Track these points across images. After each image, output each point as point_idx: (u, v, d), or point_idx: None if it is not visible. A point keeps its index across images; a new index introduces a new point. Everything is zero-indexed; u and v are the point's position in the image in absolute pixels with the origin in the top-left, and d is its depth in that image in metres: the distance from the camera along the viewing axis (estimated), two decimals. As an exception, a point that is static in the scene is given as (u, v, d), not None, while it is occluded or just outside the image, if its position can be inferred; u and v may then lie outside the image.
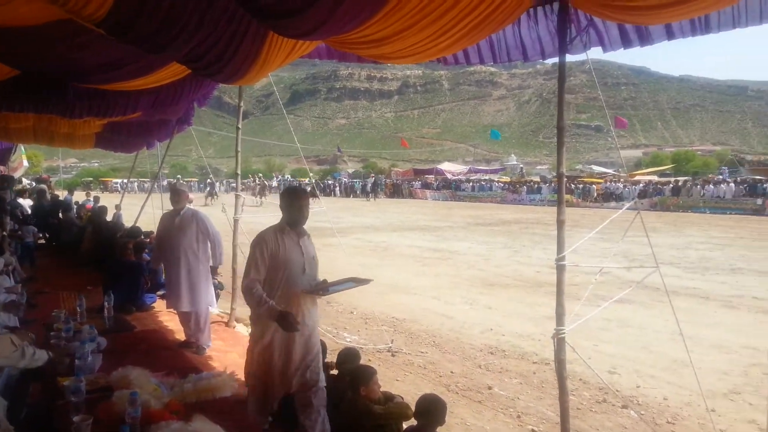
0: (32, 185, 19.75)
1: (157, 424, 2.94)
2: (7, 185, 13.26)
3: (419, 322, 7.99)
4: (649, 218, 14.87)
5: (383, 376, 4.96)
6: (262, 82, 5.33)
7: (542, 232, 19.59)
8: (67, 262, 9.93)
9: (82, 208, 14.11)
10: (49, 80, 4.96)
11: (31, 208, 13.25)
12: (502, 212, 30.26)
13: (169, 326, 6.08)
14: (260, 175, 50.91)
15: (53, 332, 4.40)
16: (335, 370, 4.09)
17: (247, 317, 6.62)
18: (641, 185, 34.76)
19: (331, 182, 55.01)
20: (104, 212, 10.71)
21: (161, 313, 6.52)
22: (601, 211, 27.42)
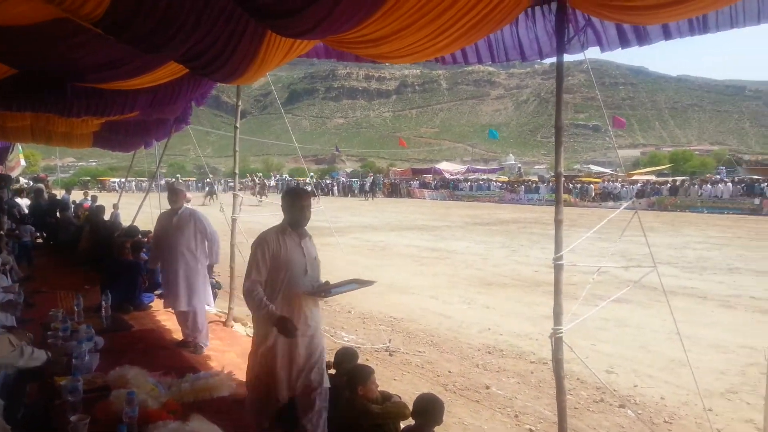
0: (30, 184, 19.70)
1: (154, 423, 2.94)
2: (4, 184, 13.27)
3: (417, 321, 7.99)
4: (646, 218, 14.86)
5: (381, 375, 4.96)
6: (260, 81, 5.32)
7: (540, 231, 19.61)
8: (64, 261, 9.93)
9: (79, 207, 14.10)
10: (46, 79, 4.94)
11: (28, 207, 13.25)
12: (500, 212, 30.28)
13: (166, 326, 6.08)
14: (260, 174, 50.83)
15: (50, 331, 4.39)
16: (333, 369, 4.08)
17: (244, 317, 6.64)
18: (639, 185, 34.79)
19: (329, 182, 54.95)
20: (102, 211, 10.72)
21: (159, 312, 6.52)
22: (598, 210, 27.43)
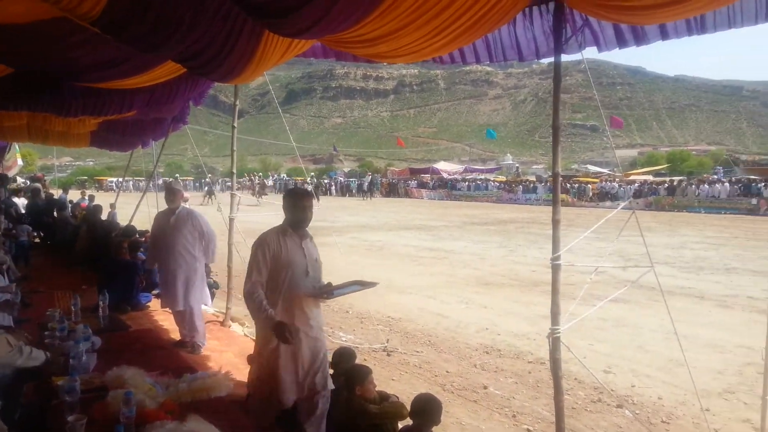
0: (27, 184, 19.67)
1: (151, 423, 2.93)
2: (1, 184, 13.22)
3: (415, 321, 7.99)
4: (644, 218, 14.89)
5: (378, 375, 4.96)
6: (257, 80, 5.33)
7: (538, 231, 19.62)
8: (61, 261, 9.89)
9: (76, 206, 14.04)
10: (44, 78, 4.93)
11: (25, 206, 13.20)
12: (497, 211, 30.30)
13: (164, 325, 6.06)
14: (260, 174, 50.75)
15: (48, 331, 4.39)
16: (330, 369, 4.08)
17: (242, 317, 6.63)
18: (636, 185, 34.85)
19: (327, 181, 54.92)
20: (99, 211, 10.67)
21: (156, 312, 6.50)
22: (596, 210, 27.48)
